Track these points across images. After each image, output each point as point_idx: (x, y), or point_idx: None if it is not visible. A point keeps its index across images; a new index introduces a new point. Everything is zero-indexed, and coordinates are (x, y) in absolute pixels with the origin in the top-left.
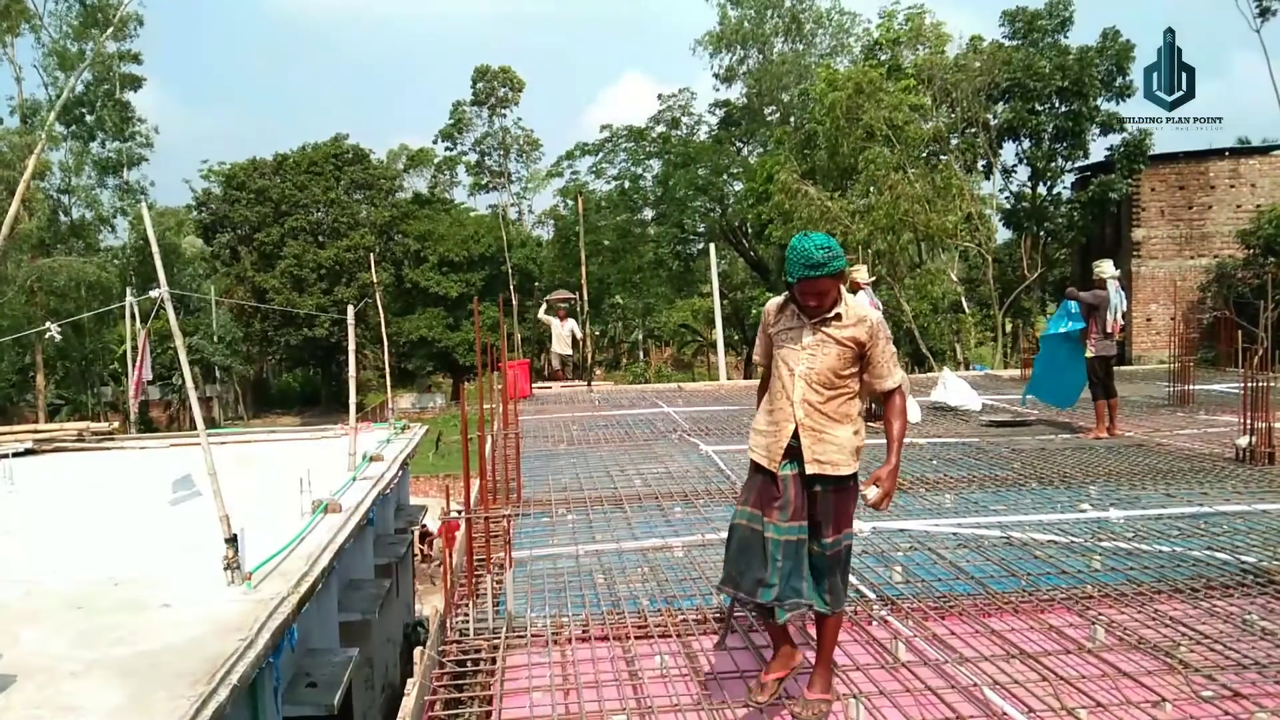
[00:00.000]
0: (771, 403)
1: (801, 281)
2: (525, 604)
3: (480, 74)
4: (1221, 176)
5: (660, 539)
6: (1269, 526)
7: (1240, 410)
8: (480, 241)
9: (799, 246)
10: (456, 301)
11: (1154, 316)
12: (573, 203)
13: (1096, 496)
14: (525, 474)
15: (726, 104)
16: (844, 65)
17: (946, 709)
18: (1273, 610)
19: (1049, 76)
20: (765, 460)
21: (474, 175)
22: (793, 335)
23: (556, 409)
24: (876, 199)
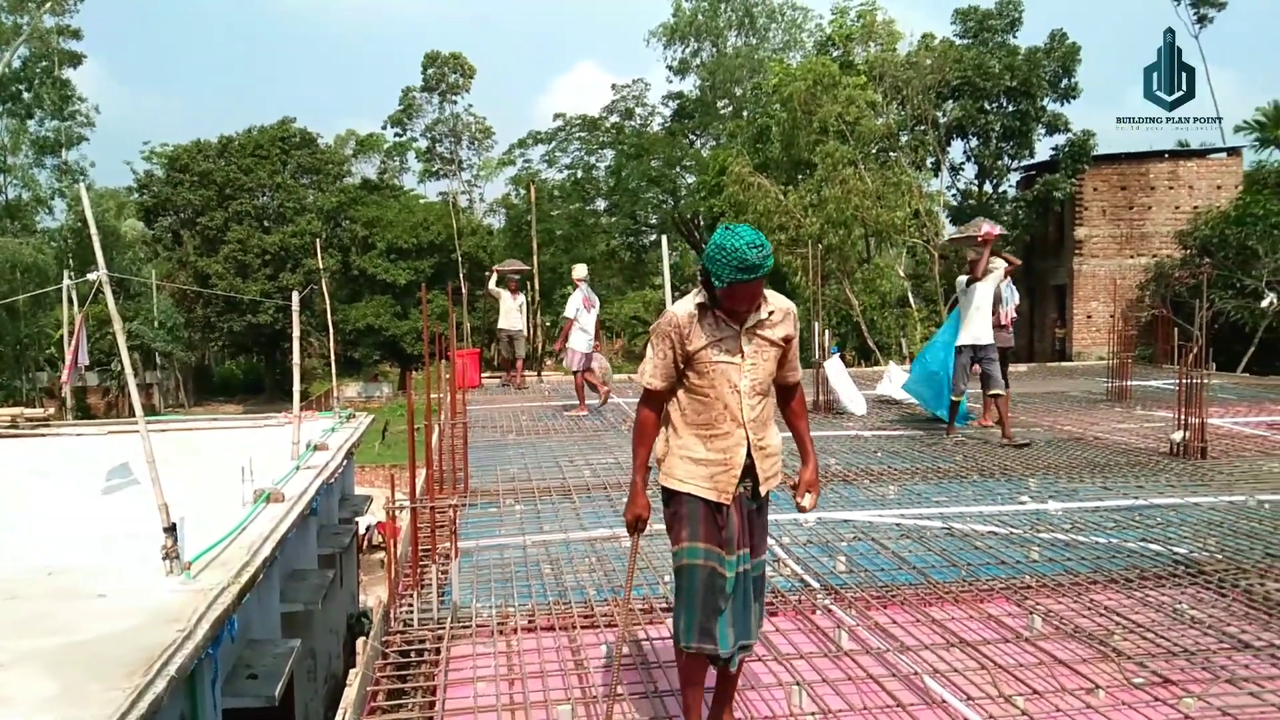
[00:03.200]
0: (711, 427)
1: (733, 286)
2: (471, 594)
3: (431, 60)
4: (1161, 178)
5: (609, 529)
6: (1200, 519)
7: (1175, 406)
8: (430, 229)
9: (729, 246)
10: (405, 289)
11: (1094, 314)
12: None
13: (1036, 489)
14: (473, 464)
15: (680, 96)
16: (796, 60)
17: (888, 697)
18: (1202, 600)
19: (998, 76)
20: (713, 494)
21: (424, 162)
22: (727, 347)
23: (506, 399)
24: (830, 193)
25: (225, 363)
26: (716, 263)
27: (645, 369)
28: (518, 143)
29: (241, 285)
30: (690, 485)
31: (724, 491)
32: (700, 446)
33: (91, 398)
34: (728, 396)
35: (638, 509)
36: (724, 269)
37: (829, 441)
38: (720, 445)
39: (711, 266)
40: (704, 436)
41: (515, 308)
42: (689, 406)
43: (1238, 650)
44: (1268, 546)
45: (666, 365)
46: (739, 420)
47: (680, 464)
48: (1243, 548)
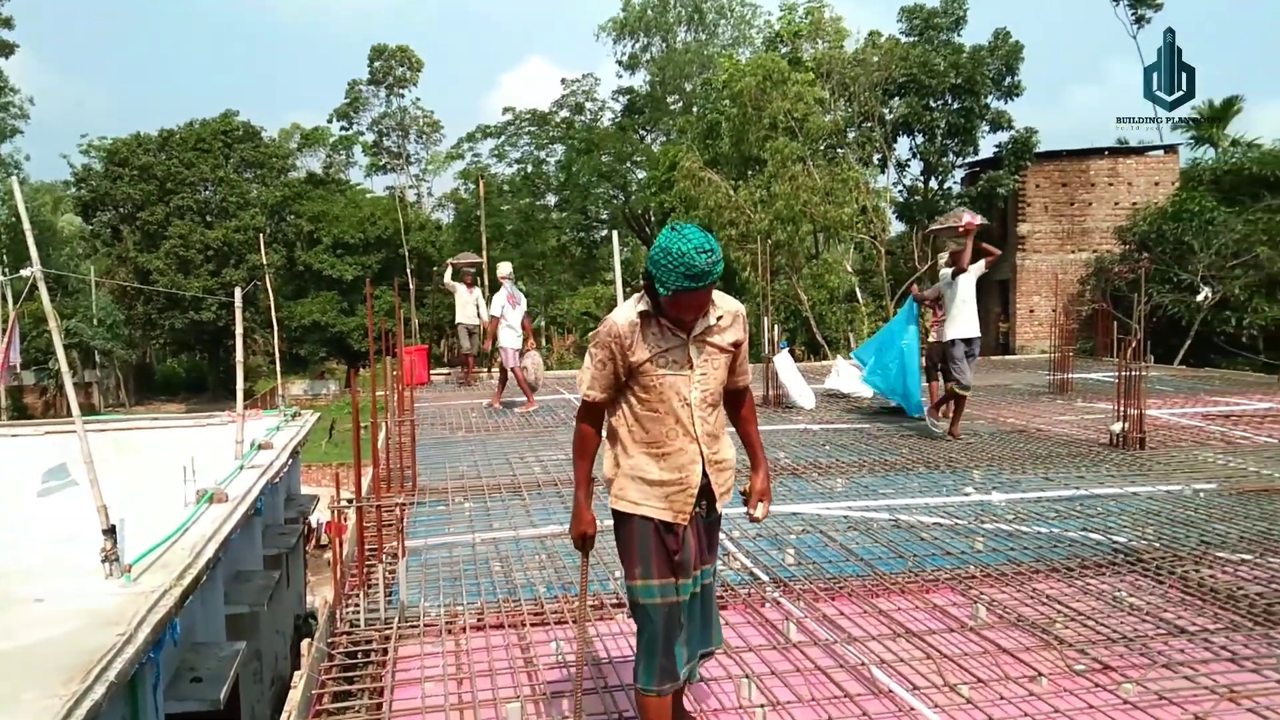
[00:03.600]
0: (663, 444)
1: (678, 294)
2: (419, 593)
3: (377, 53)
4: (1101, 175)
5: (559, 526)
6: (1139, 508)
7: (1115, 398)
8: (377, 224)
9: (675, 250)
10: (352, 285)
11: (1036, 308)
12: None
13: (980, 480)
14: (421, 462)
15: (630, 91)
16: (746, 56)
17: (835, 688)
18: (1140, 587)
19: (943, 74)
20: (669, 514)
21: (371, 156)
22: (675, 357)
23: (456, 396)
24: (779, 189)
25: (167, 361)
26: (661, 268)
27: (583, 379)
28: (466, 137)
29: (183, 281)
30: (645, 507)
31: (681, 512)
32: (653, 466)
33: (28, 397)
34: (678, 410)
35: (583, 526)
36: (669, 275)
37: (778, 435)
38: (674, 463)
39: (656, 272)
40: (656, 455)
41: (472, 301)
42: (636, 423)
43: (1174, 636)
44: (1203, 534)
45: (606, 377)
46: (691, 434)
47: (632, 485)
48: (1179, 536)
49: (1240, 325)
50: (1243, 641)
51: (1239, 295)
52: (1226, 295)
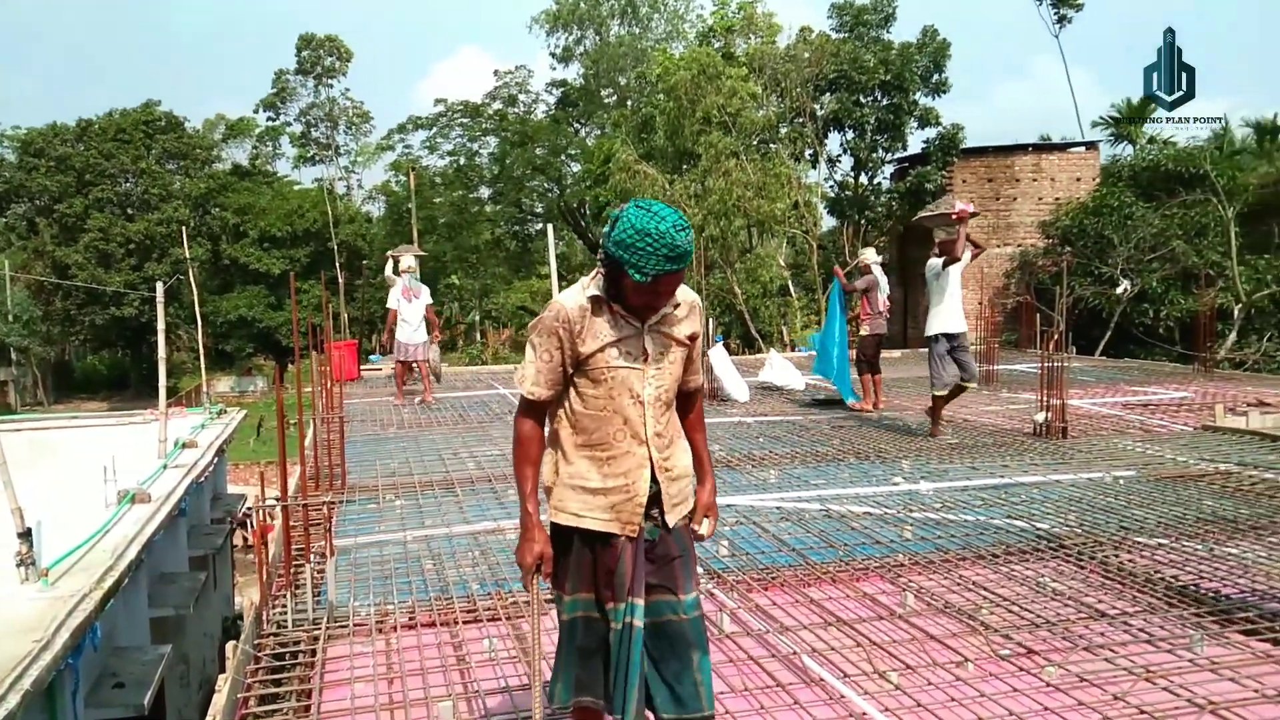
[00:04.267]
0: (608, 447)
1: (658, 279)
2: (348, 593)
3: (305, 42)
4: (1025, 171)
5: (493, 522)
6: (1061, 495)
7: (1038, 389)
8: (305, 216)
9: (655, 231)
10: (279, 279)
11: (964, 301)
12: (405, 178)
13: (909, 470)
14: (351, 459)
15: (564, 84)
16: (679, 51)
17: (768, 677)
18: (1062, 572)
19: (873, 70)
20: (616, 526)
21: (299, 147)
22: (629, 348)
23: (387, 392)
24: (713, 184)
25: (88, 358)
26: (639, 251)
27: (525, 374)
28: (397, 128)
29: (104, 276)
30: (587, 519)
31: (629, 523)
32: (594, 472)
33: None
34: (628, 409)
35: (536, 547)
36: (648, 259)
37: (713, 428)
38: (619, 469)
39: (630, 256)
40: (599, 460)
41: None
42: (579, 423)
43: (1094, 619)
44: (1122, 520)
45: (552, 370)
46: (640, 437)
47: (573, 495)
48: (1100, 522)
49: (1157, 317)
50: (1159, 623)
51: (1156, 288)
52: (1144, 288)
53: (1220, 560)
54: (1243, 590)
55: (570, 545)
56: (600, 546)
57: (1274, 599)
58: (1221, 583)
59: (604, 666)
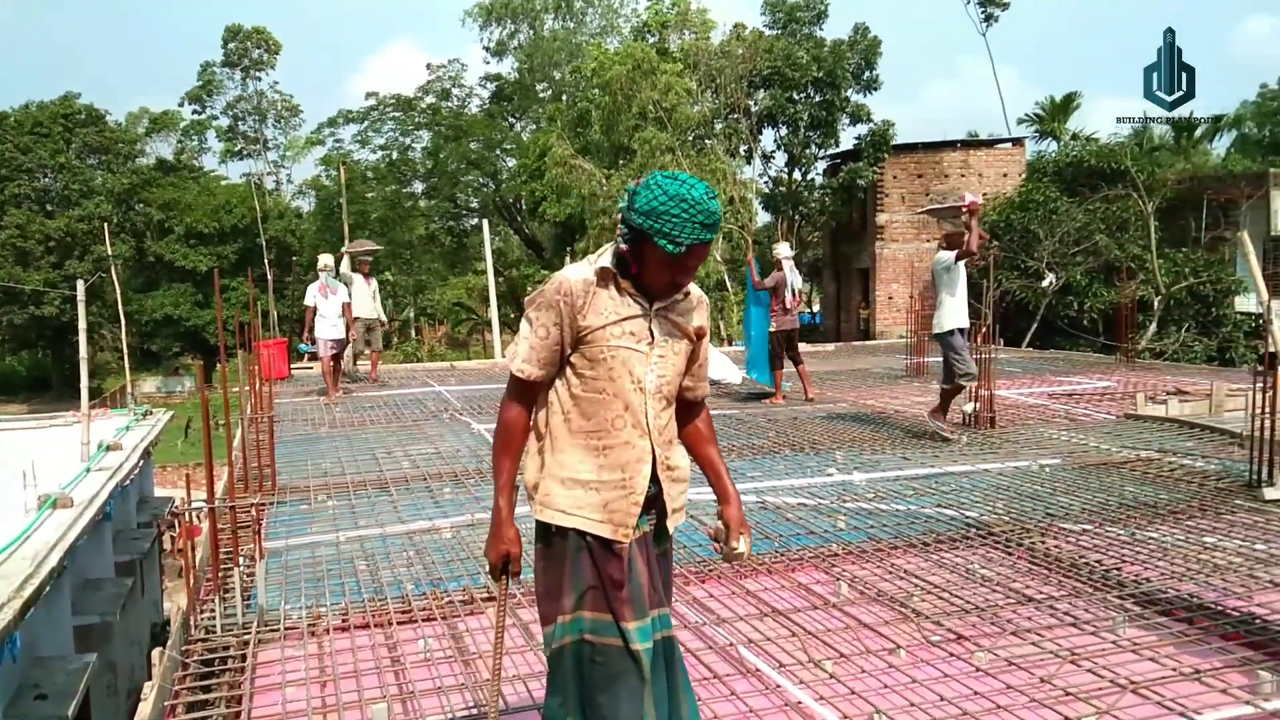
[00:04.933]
0: (606, 434)
1: (692, 249)
2: (279, 596)
3: (232, 33)
4: (954, 166)
5: (428, 521)
6: (990, 484)
7: None
8: (233, 212)
9: (691, 197)
10: (207, 277)
11: (895, 295)
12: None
13: (842, 461)
14: (282, 459)
15: (498, 78)
16: (614, 45)
17: (705, 669)
18: (991, 559)
19: (806, 67)
20: (608, 529)
21: (226, 141)
22: (633, 329)
23: (319, 390)
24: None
25: (6, 359)
26: (673, 219)
27: (517, 351)
28: (328, 122)
29: (22, 274)
30: (576, 518)
31: (622, 525)
32: (589, 462)
33: None
34: (629, 394)
35: (504, 544)
36: (685, 227)
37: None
38: (617, 460)
39: (661, 225)
40: (595, 448)
41: (369, 293)
42: (575, 407)
43: (1022, 604)
44: (1048, 507)
45: (548, 347)
46: (642, 427)
47: (561, 489)
48: (1026, 509)
49: (1081, 309)
50: (1084, 606)
51: (1080, 280)
52: (1069, 281)
53: (1141, 544)
54: (1163, 573)
55: (563, 552)
56: (601, 550)
57: (1191, 580)
58: (1143, 566)
59: (621, 699)
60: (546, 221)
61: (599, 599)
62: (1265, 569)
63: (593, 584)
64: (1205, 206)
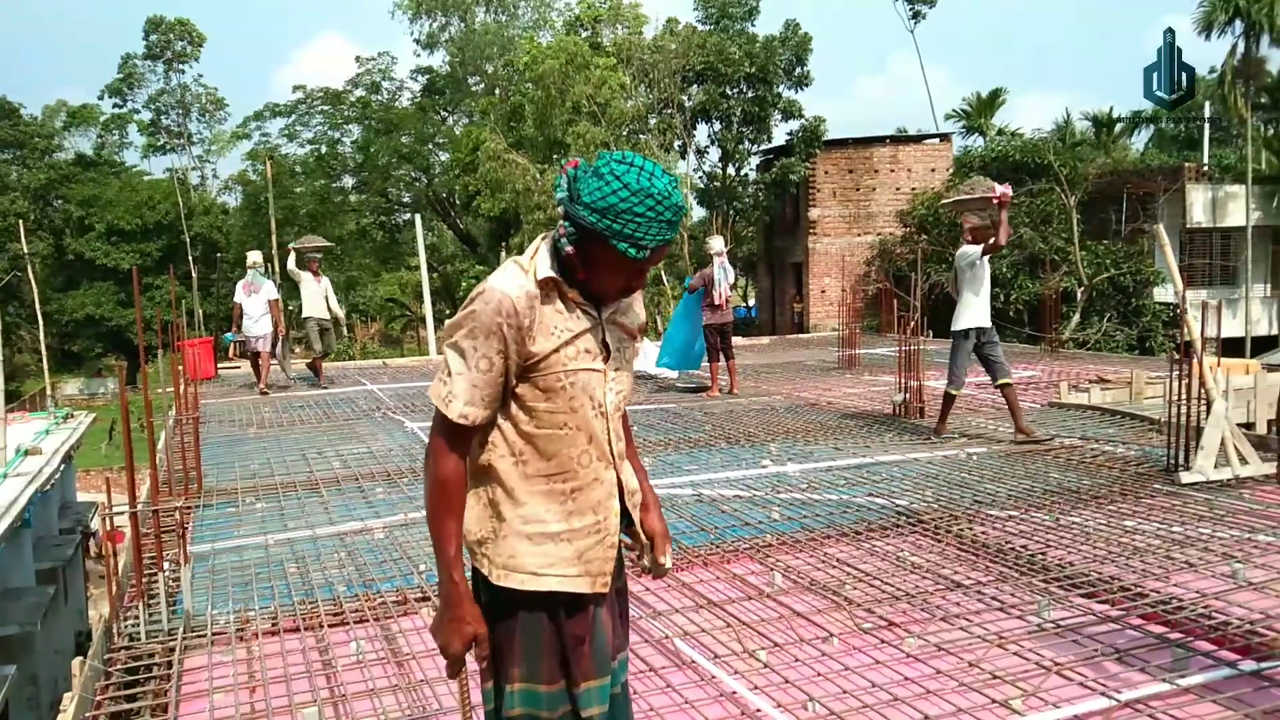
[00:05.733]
0: (571, 475)
1: (656, 251)
2: (206, 601)
3: (153, 25)
4: (883, 162)
5: (360, 521)
6: (919, 473)
7: (897, 371)
8: (156, 208)
9: (656, 190)
10: (130, 275)
11: (828, 288)
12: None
13: (776, 453)
14: (208, 461)
15: (429, 71)
16: (547, 39)
17: (641, 663)
18: (921, 546)
19: (738, 63)
20: (585, 583)
21: (148, 136)
22: (586, 346)
23: (246, 391)
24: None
25: None
26: (636, 219)
27: (453, 391)
28: (254, 115)
29: None
30: (549, 578)
31: (600, 575)
32: (555, 510)
33: None
34: (593, 423)
35: (466, 626)
36: (650, 227)
37: None
38: (588, 501)
39: (623, 226)
40: (561, 493)
41: (320, 292)
42: (529, 447)
43: (950, 590)
44: (975, 494)
45: (492, 383)
46: (607, 457)
47: (528, 548)
48: (955, 497)
49: (1007, 300)
50: (1010, 591)
51: (1006, 273)
52: (995, 273)
53: (1065, 529)
54: (1085, 556)
55: (518, 616)
56: (566, 612)
57: (1112, 563)
58: (1066, 550)
59: None
60: (481, 216)
61: (556, 669)
62: (1181, 550)
63: (552, 652)
64: (1125, 200)
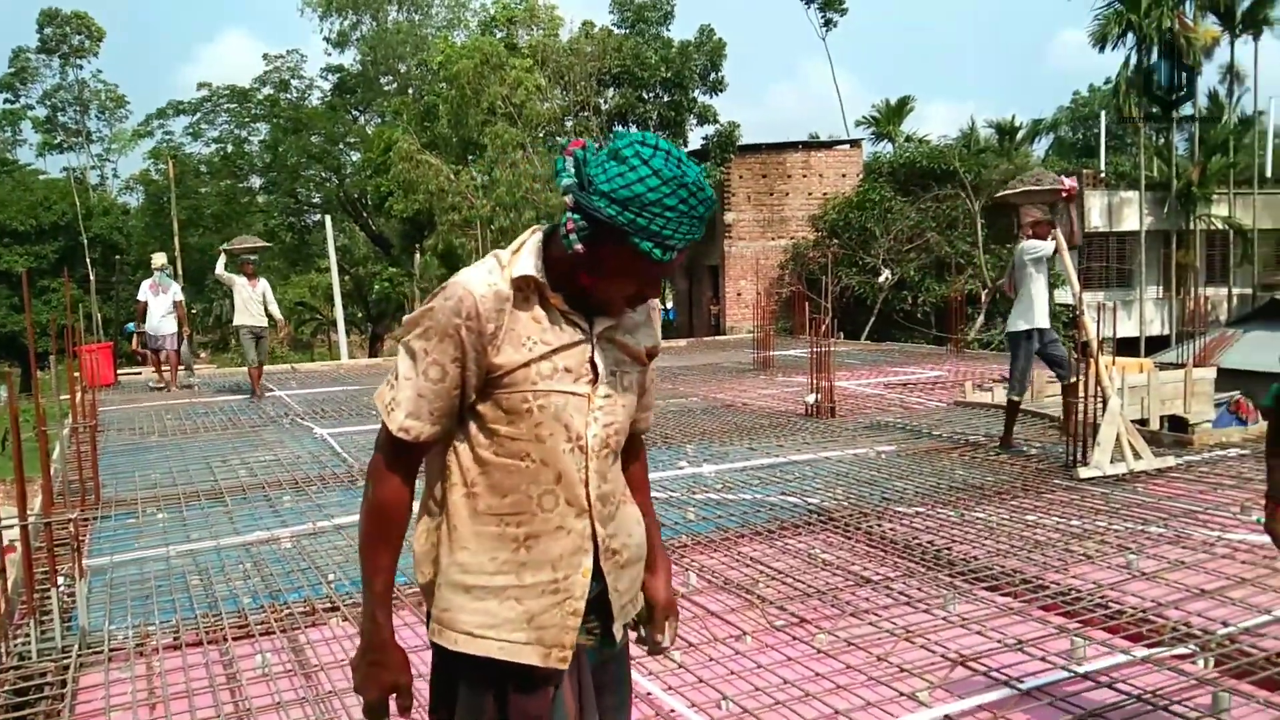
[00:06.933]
0: (527, 518)
1: (679, 253)
2: (104, 616)
3: (48, 17)
4: (796, 167)
5: (266, 531)
6: (830, 471)
7: (809, 372)
8: (52, 209)
9: (687, 180)
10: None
11: (743, 291)
12: (165, 166)
13: (692, 454)
14: (107, 471)
15: (340, 70)
16: (461, 39)
17: None
18: (831, 543)
19: (654, 67)
20: (536, 654)
21: (44, 133)
22: (568, 364)
23: (147, 398)
24: (500, 175)
25: None
26: (668, 212)
27: (398, 398)
28: (157, 113)
29: None
30: (493, 641)
31: (556, 645)
32: (504, 558)
33: None
34: (563, 458)
35: (386, 671)
36: (681, 222)
37: None
38: (545, 553)
39: (651, 222)
40: (512, 538)
41: (255, 297)
42: (482, 477)
43: (860, 586)
44: (884, 491)
45: (444, 394)
46: (580, 504)
47: (466, 601)
48: (864, 494)
49: (915, 303)
50: (917, 585)
51: (913, 276)
52: (903, 276)
53: (970, 524)
54: (989, 551)
55: (459, 683)
56: (515, 686)
57: (1015, 557)
58: (971, 545)
59: None
60: (393, 217)
61: None
62: (1080, 543)
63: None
64: None
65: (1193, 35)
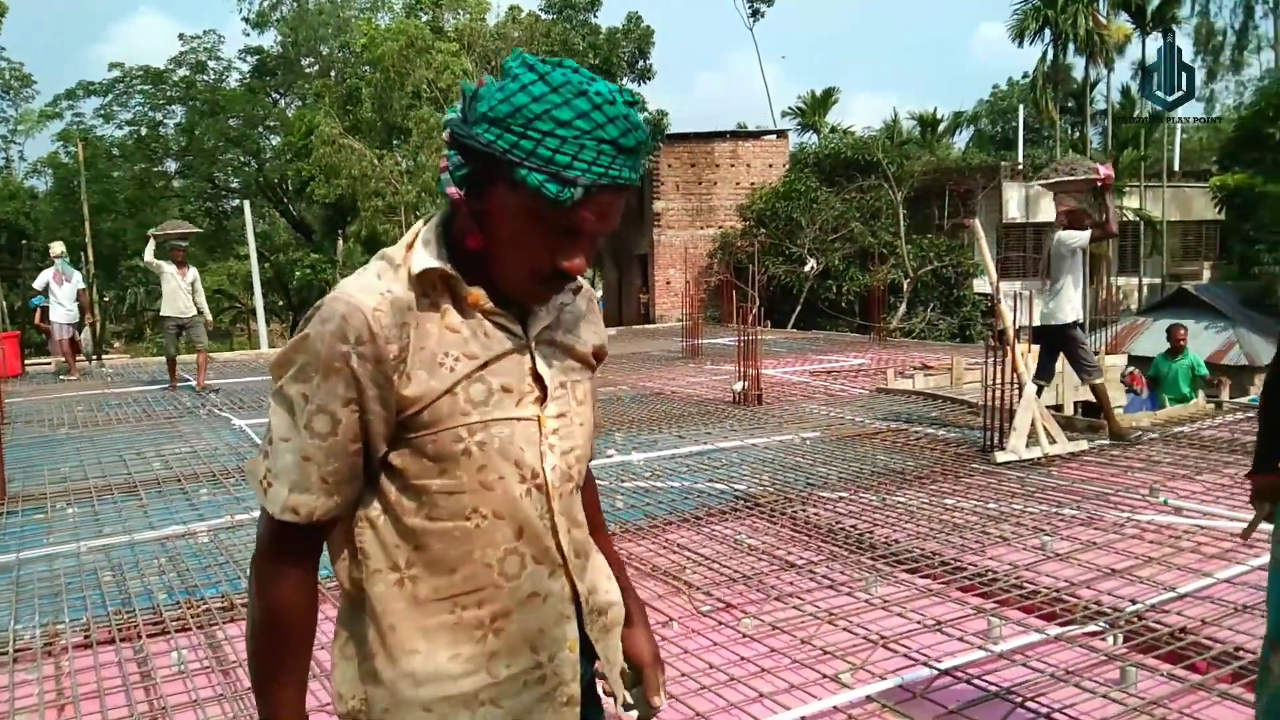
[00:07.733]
0: (488, 599)
1: (600, 198)
2: (9, 616)
3: None
4: (724, 156)
5: (182, 525)
6: (757, 458)
7: (737, 360)
8: None
9: (590, 91)
10: None
11: (672, 280)
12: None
13: (621, 442)
14: (14, 464)
15: (259, 51)
16: (385, 22)
17: None
18: (757, 529)
19: (582, 54)
20: None
21: None
22: (504, 380)
23: (57, 389)
24: (426, 160)
25: None
26: (560, 128)
27: (274, 468)
28: (66, 94)
29: None
30: None
31: None
32: (468, 654)
33: None
34: (521, 505)
35: None
36: (578, 142)
37: None
38: (522, 632)
39: (536, 142)
40: (476, 625)
41: (184, 286)
42: (418, 556)
43: (785, 570)
44: (809, 477)
45: (338, 452)
46: (554, 559)
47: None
48: (790, 480)
49: (840, 291)
50: (840, 569)
51: (838, 265)
52: (828, 266)
53: (891, 508)
54: (909, 534)
55: None
56: None
57: (934, 540)
58: (892, 528)
59: None
60: (315, 203)
61: None
62: (996, 526)
63: None
64: (947, 196)
65: (1106, 32)
